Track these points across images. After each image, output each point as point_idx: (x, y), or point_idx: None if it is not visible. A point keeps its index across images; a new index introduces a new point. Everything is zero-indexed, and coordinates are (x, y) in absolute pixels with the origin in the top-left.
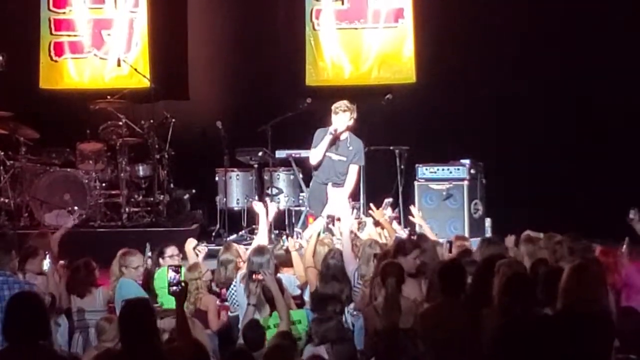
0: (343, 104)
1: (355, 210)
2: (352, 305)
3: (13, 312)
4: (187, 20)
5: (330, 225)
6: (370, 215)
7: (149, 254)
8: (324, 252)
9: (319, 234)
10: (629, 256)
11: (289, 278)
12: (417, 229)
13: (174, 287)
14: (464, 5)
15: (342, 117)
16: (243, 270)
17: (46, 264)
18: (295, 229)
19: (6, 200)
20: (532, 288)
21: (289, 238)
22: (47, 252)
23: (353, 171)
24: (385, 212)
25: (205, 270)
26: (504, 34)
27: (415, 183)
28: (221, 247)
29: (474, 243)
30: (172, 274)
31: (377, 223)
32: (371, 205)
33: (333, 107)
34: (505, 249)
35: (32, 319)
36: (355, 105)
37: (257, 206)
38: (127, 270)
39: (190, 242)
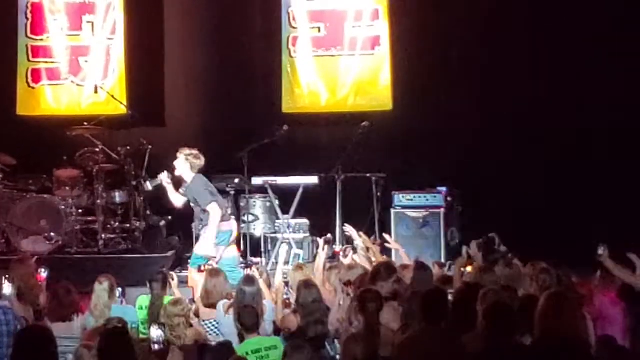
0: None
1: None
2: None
3: (22, 349)
4: (164, 47)
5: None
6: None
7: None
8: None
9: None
10: (602, 288)
11: (269, 304)
12: (394, 254)
13: (159, 346)
14: (440, 33)
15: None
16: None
17: (6, 287)
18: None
19: None
20: (514, 317)
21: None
22: (6, 277)
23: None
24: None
25: (185, 304)
26: (480, 63)
27: (392, 210)
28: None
29: None
30: (157, 332)
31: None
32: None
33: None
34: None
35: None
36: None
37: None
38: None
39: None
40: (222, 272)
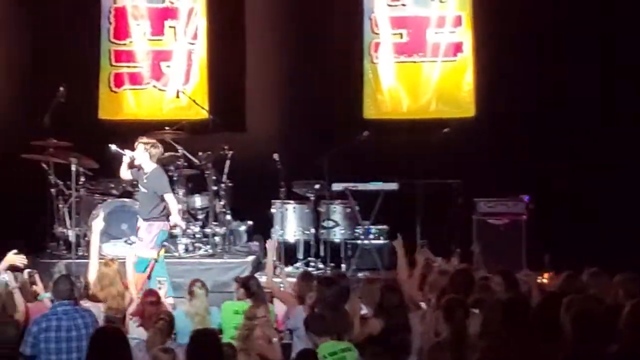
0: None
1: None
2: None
3: (97, 349)
4: (246, 52)
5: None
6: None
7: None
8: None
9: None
10: None
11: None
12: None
13: None
14: (523, 40)
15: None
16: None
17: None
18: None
19: (64, 230)
20: (600, 325)
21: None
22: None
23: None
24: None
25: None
26: (564, 69)
27: (473, 217)
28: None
29: None
30: None
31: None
32: None
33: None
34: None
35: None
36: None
37: None
38: None
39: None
40: (314, 276)
